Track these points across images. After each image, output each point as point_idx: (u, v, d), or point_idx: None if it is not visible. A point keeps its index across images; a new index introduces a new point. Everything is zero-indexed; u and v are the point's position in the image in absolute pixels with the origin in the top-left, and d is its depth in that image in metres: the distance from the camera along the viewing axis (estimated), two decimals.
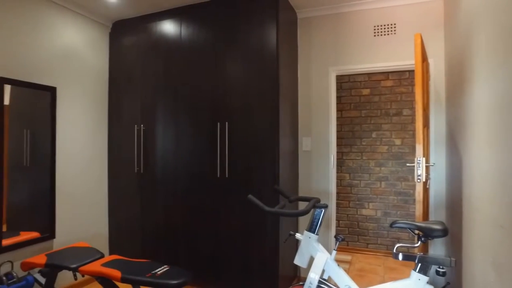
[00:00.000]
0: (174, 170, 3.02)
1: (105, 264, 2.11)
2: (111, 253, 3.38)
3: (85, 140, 3.18)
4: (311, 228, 2.06)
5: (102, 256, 2.34)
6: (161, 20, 3.11)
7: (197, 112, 2.92)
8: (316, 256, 1.99)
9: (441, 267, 1.65)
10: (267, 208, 1.95)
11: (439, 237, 1.69)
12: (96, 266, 2.08)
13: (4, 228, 2.46)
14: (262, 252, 2.66)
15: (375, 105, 4.10)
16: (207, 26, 2.90)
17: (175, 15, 3.04)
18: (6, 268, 2.45)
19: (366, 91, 4.14)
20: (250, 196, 2.02)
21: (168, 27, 3.07)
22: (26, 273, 2.52)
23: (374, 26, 2.94)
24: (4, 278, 2.23)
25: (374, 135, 4.11)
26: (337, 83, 4.19)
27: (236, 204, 2.76)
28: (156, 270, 2.01)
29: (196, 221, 2.93)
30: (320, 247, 2.04)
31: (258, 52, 2.70)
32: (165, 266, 2.09)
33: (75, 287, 2.99)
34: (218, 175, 2.82)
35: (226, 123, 2.79)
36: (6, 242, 2.46)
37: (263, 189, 2.66)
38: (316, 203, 2.05)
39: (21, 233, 2.59)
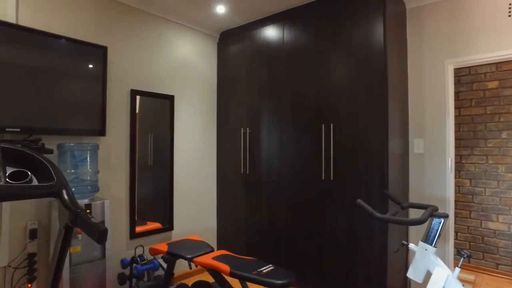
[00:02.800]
0: (278, 171, 3.09)
1: (215, 258, 2.26)
2: (218, 247, 3.64)
3: (197, 143, 3.51)
4: (428, 239, 1.85)
5: (212, 250, 2.52)
6: (264, 26, 3.23)
7: (301, 114, 2.93)
8: (434, 271, 1.77)
9: None
10: (378, 215, 1.83)
11: None
12: (207, 259, 2.25)
13: (136, 218, 2.91)
14: (368, 259, 2.51)
15: (506, 100, 3.46)
16: (310, 27, 2.88)
17: (277, 20, 3.12)
18: (138, 251, 2.91)
19: (493, 84, 3.53)
20: (359, 200, 1.92)
21: (271, 32, 3.16)
22: (152, 257, 2.91)
23: (510, 4, 2.48)
24: (138, 258, 2.63)
25: (504, 135, 3.47)
26: (454, 77, 3.69)
27: (341, 207, 2.67)
28: (262, 268, 2.07)
29: (299, 223, 2.93)
30: (439, 261, 1.81)
31: (363, 49, 2.56)
32: (270, 265, 2.13)
33: (189, 275, 3.33)
34: (323, 177, 2.77)
35: (331, 124, 2.73)
36: (138, 229, 2.93)
37: (369, 193, 2.51)
38: (434, 212, 1.84)
39: (148, 223, 3.02)
